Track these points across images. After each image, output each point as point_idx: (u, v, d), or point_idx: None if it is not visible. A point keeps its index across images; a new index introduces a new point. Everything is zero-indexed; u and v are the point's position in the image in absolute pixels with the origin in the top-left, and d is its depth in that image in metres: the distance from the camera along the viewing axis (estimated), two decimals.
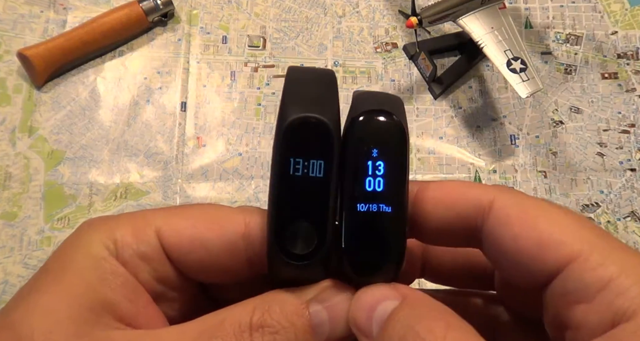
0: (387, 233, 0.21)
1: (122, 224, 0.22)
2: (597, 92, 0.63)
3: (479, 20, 0.56)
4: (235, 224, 0.22)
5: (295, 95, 0.21)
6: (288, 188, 0.20)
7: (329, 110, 0.21)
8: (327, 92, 0.21)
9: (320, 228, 0.20)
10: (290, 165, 0.20)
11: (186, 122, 0.61)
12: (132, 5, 0.63)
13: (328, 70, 0.23)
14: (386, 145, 0.21)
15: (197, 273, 0.23)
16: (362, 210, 0.21)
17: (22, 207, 0.57)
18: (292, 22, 0.66)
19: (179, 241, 0.22)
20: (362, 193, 0.21)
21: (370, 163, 0.21)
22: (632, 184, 0.60)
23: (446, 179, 0.60)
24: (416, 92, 0.63)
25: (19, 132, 0.60)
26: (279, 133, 0.20)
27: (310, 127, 0.20)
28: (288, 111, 0.20)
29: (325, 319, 0.21)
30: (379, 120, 0.21)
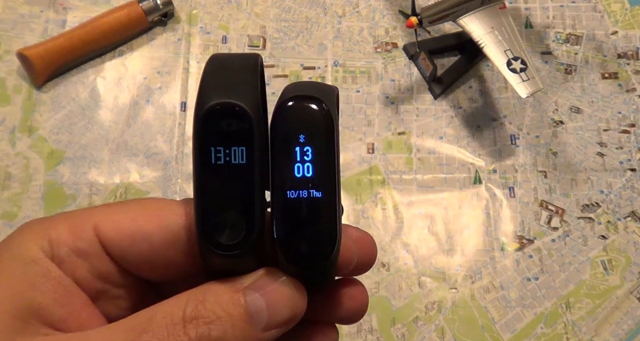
0: (320, 219, 0.20)
1: (58, 222, 0.22)
2: (597, 92, 0.63)
3: (479, 20, 0.56)
4: (175, 215, 0.22)
5: (212, 81, 0.20)
6: (211, 177, 0.20)
7: (246, 94, 0.20)
8: (247, 76, 0.21)
9: (247, 217, 0.20)
10: (211, 154, 0.20)
11: (186, 122, 0.61)
12: (132, 5, 0.63)
13: (252, 54, 0.22)
14: (314, 129, 0.20)
15: (139, 268, 0.22)
16: (293, 197, 0.20)
17: (22, 207, 0.57)
18: (292, 22, 0.66)
19: (117, 235, 0.22)
20: (291, 179, 0.20)
21: (298, 148, 0.20)
22: (632, 184, 0.60)
23: (447, 178, 0.60)
24: (416, 92, 0.63)
25: (18, 132, 0.60)
26: (196, 122, 0.20)
27: (227, 112, 0.20)
28: (204, 98, 0.20)
29: (263, 306, 0.20)
30: (306, 106, 0.20)
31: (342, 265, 0.23)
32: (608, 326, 0.55)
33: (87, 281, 0.22)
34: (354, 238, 0.24)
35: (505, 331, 0.54)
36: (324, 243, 0.21)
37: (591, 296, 0.56)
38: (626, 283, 0.56)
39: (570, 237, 0.58)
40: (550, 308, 0.55)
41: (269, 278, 0.21)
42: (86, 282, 0.22)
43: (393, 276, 0.56)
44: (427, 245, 0.57)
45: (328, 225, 0.20)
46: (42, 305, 0.20)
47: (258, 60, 0.22)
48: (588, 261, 0.57)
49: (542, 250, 0.57)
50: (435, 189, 0.59)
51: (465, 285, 0.56)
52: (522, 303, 0.55)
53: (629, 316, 0.55)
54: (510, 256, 0.57)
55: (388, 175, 0.60)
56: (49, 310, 0.20)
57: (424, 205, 0.59)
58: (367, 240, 0.24)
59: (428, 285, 0.56)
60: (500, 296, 0.56)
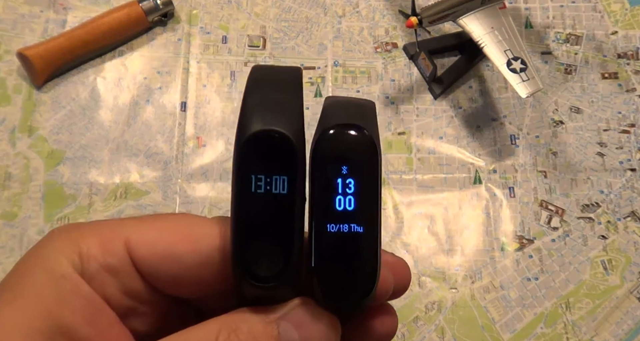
0: (360, 255, 0.20)
1: (88, 235, 0.21)
2: (597, 92, 0.63)
3: (479, 20, 0.56)
4: (208, 236, 0.21)
5: (255, 102, 0.20)
6: (250, 206, 0.19)
7: (291, 121, 0.19)
8: (291, 96, 0.20)
9: (286, 249, 0.19)
10: (251, 182, 0.19)
11: (186, 122, 0.61)
12: (132, 5, 0.63)
13: (294, 67, 0.22)
14: (357, 161, 0.19)
15: (169, 287, 0.22)
16: (333, 231, 0.19)
17: (22, 207, 0.57)
18: (292, 22, 0.66)
19: (149, 254, 0.21)
20: (332, 212, 0.19)
21: (340, 180, 0.19)
22: (632, 184, 0.60)
23: (447, 178, 0.60)
24: (416, 92, 0.63)
25: (18, 132, 0.60)
26: (238, 148, 0.19)
27: (271, 141, 0.19)
28: (247, 123, 0.19)
29: (296, 339, 0.20)
30: (349, 135, 0.19)
31: (379, 295, 0.22)
32: (608, 326, 0.55)
33: (116, 299, 0.21)
34: (390, 264, 0.23)
35: (505, 331, 0.54)
36: (363, 280, 0.20)
37: (591, 296, 0.56)
38: (626, 283, 0.56)
39: (570, 237, 0.58)
40: (550, 308, 0.55)
41: (303, 311, 0.20)
42: (115, 300, 0.21)
43: None
44: (427, 245, 0.57)
45: (368, 262, 0.20)
46: (71, 323, 0.19)
47: (300, 75, 0.21)
48: (588, 261, 0.57)
49: (542, 250, 0.57)
50: (435, 189, 0.59)
51: (465, 285, 0.56)
52: (522, 303, 0.55)
53: (629, 316, 0.55)
54: (510, 257, 0.57)
55: (388, 175, 0.60)
56: (77, 328, 0.20)
57: (424, 205, 0.59)
58: (402, 266, 0.24)
59: (428, 285, 0.56)
60: (500, 296, 0.56)
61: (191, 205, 0.58)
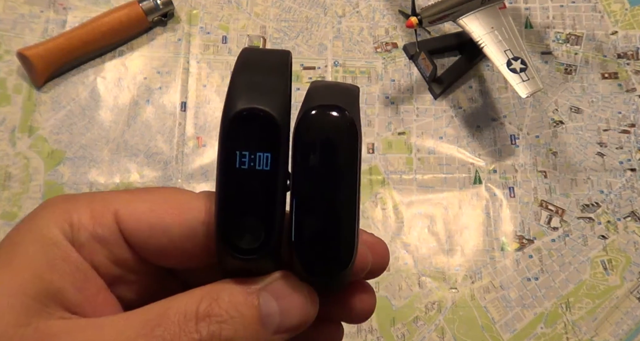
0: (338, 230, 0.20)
1: (80, 205, 0.22)
2: (597, 92, 0.63)
3: (479, 20, 0.56)
4: (195, 210, 0.22)
5: (241, 82, 0.20)
6: (234, 181, 0.20)
7: (276, 100, 0.20)
8: (277, 77, 0.21)
9: (267, 223, 0.20)
10: (236, 158, 0.20)
11: (186, 122, 0.61)
12: (132, 5, 0.63)
13: (283, 51, 0.22)
14: (337, 142, 0.20)
15: (156, 257, 0.23)
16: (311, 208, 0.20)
17: (22, 207, 0.57)
18: (292, 22, 0.66)
19: (137, 225, 0.22)
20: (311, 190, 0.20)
21: (320, 160, 0.20)
22: (632, 184, 0.60)
23: (447, 178, 0.60)
24: (416, 92, 0.63)
25: (18, 132, 0.60)
26: (223, 125, 0.20)
27: (256, 119, 0.19)
28: (232, 101, 0.20)
29: (276, 310, 0.20)
30: (330, 116, 0.20)
31: (356, 271, 0.23)
32: (608, 326, 0.55)
33: (104, 267, 0.22)
34: (369, 243, 0.24)
35: (505, 331, 0.54)
36: (341, 253, 0.21)
37: (591, 296, 0.56)
38: (626, 283, 0.56)
39: (570, 236, 0.58)
40: (550, 308, 0.55)
41: (283, 283, 0.21)
42: (104, 268, 0.22)
43: (393, 276, 0.56)
44: (427, 245, 0.57)
45: (347, 236, 0.20)
46: (60, 288, 0.20)
47: (289, 58, 0.21)
48: (588, 261, 0.57)
49: (542, 250, 0.57)
50: (435, 189, 0.59)
51: (465, 285, 0.56)
52: (522, 303, 0.55)
53: (629, 316, 0.55)
54: (510, 256, 0.57)
55: (388, 175, 0.60)
56: (66, 293, 0.20)
57: (424, 205, 0.59)
58: (381, 246, 0.24)
59: (428, 285, 0.56)
60: (500, 296, 0.56)
61: None
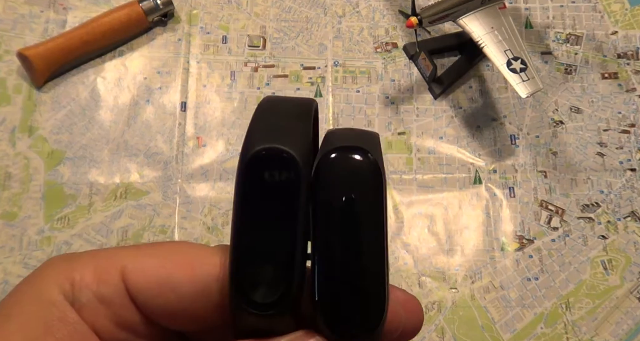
0: (366, 287, 0.18)
1: (83, 262, 0.20)
2: (597, 92, 0.63)
3: (479, 20, 0.56)
4: (209, 265, 0.20)
5: (261, 126, 0.19)
6: (251, 228, 0.18)
7: (296, 141, 0.18)
8: (299, 122, 0.19)
9: (287, 274, 0.18)
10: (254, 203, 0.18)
11: (186, 122, 0.61)
12: (132, 5, 0.63)
13: (307, 99, 0.21)
14: (360, 187, 0.18)
15: (164, 319, 0.21)
16: (336, 262, 0.18)
17: (22, 207, 0.57)
18: (292, 22, 0.66)
19: (145, 283, 0.20)
20: (335, 244, 0.18)
21: (343, 209, 0.18)
22: (632, 184, 0.60)
23: (447, 178, 0.60)
24: (416, 92, 0.63)
25: (18, 132, 0.60)
26: (240, 168, 0.18)
27: (274, 160, 0.18)
28: (250, 142, 0.18)
29: None
30: (352, 159, 0.18)
31: (388, 331, 0.20)
32: (608, 326, 0.55)
33: (108, 331, 0.20)
34: (400, 301, 0.21)
35: (505, 331, 0.54)
36: (371, 312, 0.19)
37: (591, 296, 0.56)
38: (626, 283, 0.56)
39: (570, 237, 0.58)
40: (550, 308, 0.55)
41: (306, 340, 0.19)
42: (107, 331, 0.20)
43: (393, 276, 0.56)
44: (427, 245, 0.57)
45: (376, 293, 0.19)
46: None
47: (313, 106, 0.20)
48: (588, 261, 0.57)
49: (542, 250, 0.57)
50: (435, 189, 0.59)
51: (465, 285, 0.56)
52: (522, 303, 0.55)
53: (629, 316, 0.55)
54: (510, 256, 0.57)
55: (388, 175, 0.60)
56: None
57: (424, 205, 0.59)
58: (414, 304, 0.22)
59: (428, 285, 0.56)
60: (500, 296, 0.56)
61: (191, 205, 0.58)
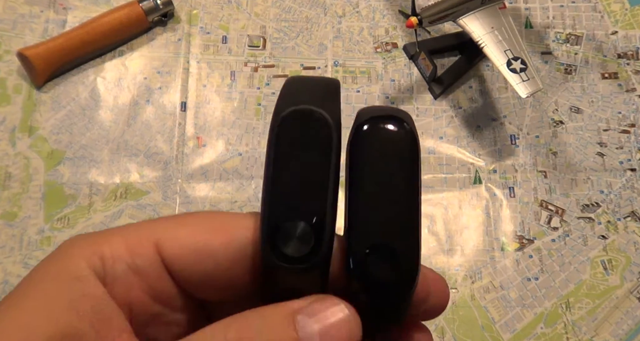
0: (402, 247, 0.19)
1: (112, 237, 0.20)
2: (597, 92, 0.63)
3: (479, 20, 0.56)
4: (244, 229, 0.20)
5: (291, 92, 0.20)
6: (283, 185, 0.19)
7: (328, 105, 0.19)
8: (328, 92, 0.20)
9: (317, 229, 0.18)
10: (287, 162, 0.19)
11: (186, 122, 0.61)
12: (132, 5, 0.63)
13: (333, 78, 0.21)
14: (396, 154, 0.19)
15: (200, 287, 0.21)
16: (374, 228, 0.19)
17: (22, 207, 0.57)
18: (292, 22, 0.66)
19: (181, 252, 0.20)
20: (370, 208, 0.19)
21: (379, 176, 0.19)
22: (632, 184, 0.60)
23: (447, 178, 0.60)
24: (416, 92, 0.63)
25: (18, 132, 0.60)
26: (273, 127, 0.19)
27: (307, 119, 0.19)
28: (283, 105, 0.19)
29: (315, 333, 0.18)
30: (389, 128, 0.19)
31: (416, 302, 0.21)
32: (608, 326, 0.55)
33: (142, 303, 0.20)
34: (429, 278, 0.22)
35: (505, 331, 0.54)
36: (404, 270, 0.19)
37: (591, 296, 0.56)
38: (626, 283, 0.56)
39: (570, 236, 0.58)
40: (550, 308, 0.55)
41: (325, 303, 0.19)
42: (141, 304, 0.20)
43: None
44: (427, 245, 0.57)
45: (409, 262, 0.19)
46: (77, 329, 0.18)
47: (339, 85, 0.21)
48: (588, 261, 0.57)
49: (542, 250, 0.57)
50: (435, 189, 0.59)
51: (465, 285, 0.56)
52: (522, 303, 0.55)
53: (629, 316, 0.55)
54: (510, 256, 0.57)
55: None
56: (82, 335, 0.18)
57: (424, 205, 0.59)
58: (442, 283, 0.23)
59: None
60: (500, 296, 0.56)
61: (191, 205, 0.58)
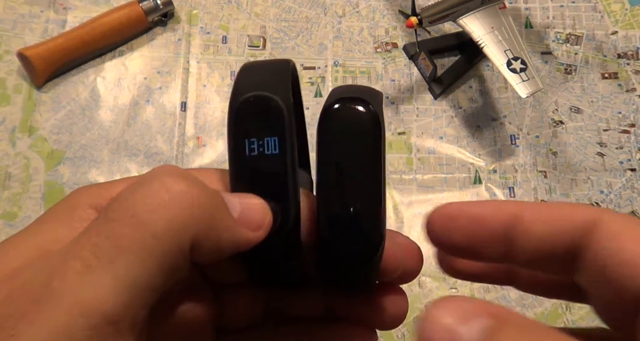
0: (366, 221, 0.21)
1: (117, 184, 0.21)
2: (597, 92, 0.63)
3: (479, 20, 0.56)
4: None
5: (243, 81, 0.21)
6: (246, 168, 0.20)
7: (276, 88, 0.20)
8: (278, 76, 0.21)
9: (282, 205, 0.20)
10: (245, 146, 0.20)
11: (186, 122, 0.61)
12: (132, 5, 0.63)
13: (283, 59, 0.23)
14: (361, 133, 0.20)
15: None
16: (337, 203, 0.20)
17: (22, 207, 0.57)
18: (292, 22, 0.66)
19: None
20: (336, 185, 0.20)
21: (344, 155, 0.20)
22: (632, 184, 0.60)
23: (447, 178, 0.60)
24: (416, 92, 0.63)
25: (18, 132, 0.60)
26: (230, 116, 0.20)
27: (259, 104, 0.20)
28: (237, 93, 0.21)
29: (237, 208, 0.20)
30: (352, 108, 0.20)
31: (389, 270, 0.22)
32: None
33: None
34: (402, 245, 0.23)
35: None
36: (369, 245, 0.21)
37: None
38: None
39: None
40: (550, 308, 0.55)
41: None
42: None
43: None
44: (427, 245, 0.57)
45: (373, 228, 0.21)
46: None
47: (289, 64, 0.22)
48: None
49: None
50: (435, 189, 0.59)
51: (465, 284, 0.56)
52: (522, 303, 0.55)
53: None
54: None
55: (388, 175, 0.60)
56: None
57: (424, 205, 0.59)
58: (415, 248, 0.24)
59: (428, 285, 0.56)
60: (500, 296, 0.56)
61: None
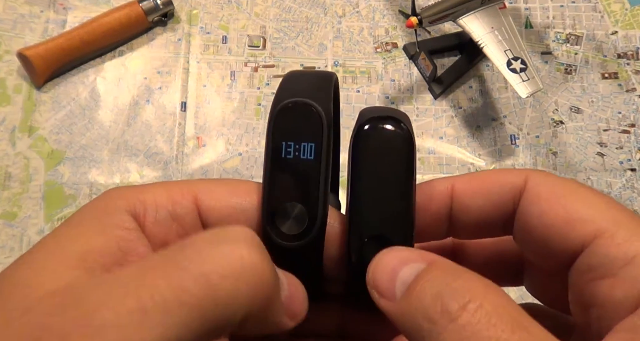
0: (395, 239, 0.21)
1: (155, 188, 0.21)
2: (597, 92, 0.63)
3: (479, 20, 0.56)
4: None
5: (287, 87, 0.22)
6: (280, 170, 0.21)
7: (319, 96, 0.21)
8: (321, 85, 0.22)
9: (311, 208, 0.21)
10: (282, 149, 0.21)
11: (186, 122, 0.61)
12: (132, 5, 0.63)
13: (328, 72, 0.24)
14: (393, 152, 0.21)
15: None
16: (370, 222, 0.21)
17: (22, 207, 0.57)
18: (292, 22, 0.66)
19: (217, 204, 0.22)
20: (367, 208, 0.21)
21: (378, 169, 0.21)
22: (632, 184, 0.59)
23: None
24: (416, 92, 0.63)
25: (18, 132, 0.60)
26: (270, 119, 0.21)
27: (300, 110, 0.21)
28: (279, 98, 0.22)
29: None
30: (387, 128, 0.21)
31: None
32: None
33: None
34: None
35: None
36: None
37: None
38: None
39: None
40: None
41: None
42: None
43: None
44: None
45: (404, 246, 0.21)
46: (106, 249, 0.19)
47: (333, 77, 0.23)
48: None
49: None
50: None
51: None
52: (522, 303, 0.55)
53: None
54: None
55: None
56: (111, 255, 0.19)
57: None
58: None
59: None
60: None
61: None
